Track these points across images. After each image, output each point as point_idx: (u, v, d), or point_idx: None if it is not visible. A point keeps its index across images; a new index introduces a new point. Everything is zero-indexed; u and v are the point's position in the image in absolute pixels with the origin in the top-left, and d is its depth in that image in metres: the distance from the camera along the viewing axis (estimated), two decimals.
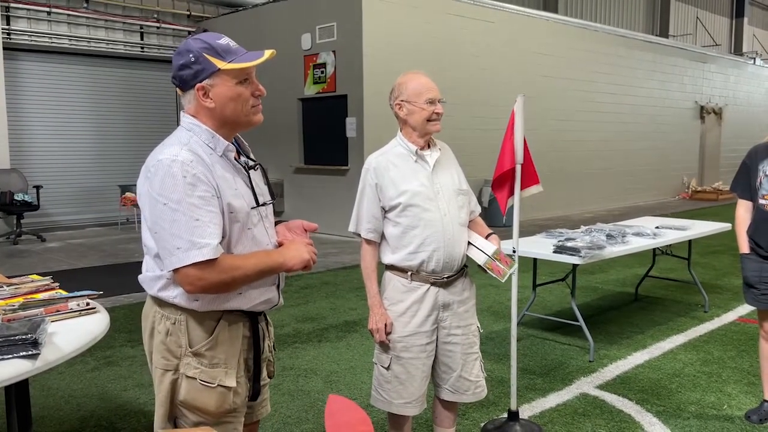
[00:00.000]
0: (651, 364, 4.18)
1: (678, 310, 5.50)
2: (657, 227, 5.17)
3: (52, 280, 2.73)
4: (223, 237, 1.70)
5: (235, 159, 1.79)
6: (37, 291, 2.65)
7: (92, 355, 4.29)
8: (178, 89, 1.77)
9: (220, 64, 1.69)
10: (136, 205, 10.19)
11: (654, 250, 5.43)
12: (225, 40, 1.74)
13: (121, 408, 3.51)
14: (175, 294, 1.73)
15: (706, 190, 16.39)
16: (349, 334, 4.82)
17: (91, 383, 3.87)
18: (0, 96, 9.44)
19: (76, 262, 7.73)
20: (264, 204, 1.85)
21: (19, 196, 9.12)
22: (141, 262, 1.86)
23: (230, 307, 1.77)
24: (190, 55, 1.69)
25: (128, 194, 10.28)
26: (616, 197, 14.33)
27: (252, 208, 1.78)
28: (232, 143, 1.80)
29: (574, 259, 4.05)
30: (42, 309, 2.38)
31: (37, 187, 9.45)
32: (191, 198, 1.63)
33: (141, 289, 1.85)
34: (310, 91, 10.04)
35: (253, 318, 1.85)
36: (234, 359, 1.80)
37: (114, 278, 6.65)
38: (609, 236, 4.55)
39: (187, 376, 1.75)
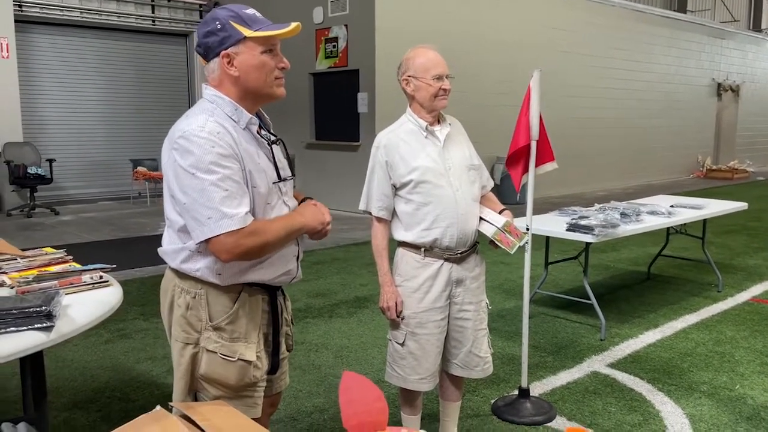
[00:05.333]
0: (663, 343, 4.16)
1: (691, 289, 5.46)
2: (672, 206, 5.11)
3: (65, 254, 2.74)
4: None
5: (258, 132, 1.77)
6: (50, 264, 2.66)
7: (105, 327, 4.33)
8: (201, 59, 1.76)
9: (246, 32, 1.68)
10: (149, 180, 10.23)
11: (668, 228, 5.38)
12: (251, 10, 1.74)
13: (134, 380, 3.55)
14: (197, 267, 1.73)
15: (721, 169, 16.18)
16: (360, 310, 4.84)
17: (105, 355, 3.91)
18: (12, 69, 9.45)
19: (88, 236, 7.79)
20: (285, 179, 1.84)
21: (32, 170, 9.17)
22: (153, 236, 1.86)
23: (252, 280, 1.78)
24: (217, 23, 1.68)
25: (140, 168, 10.31)
26: (631, 175, 14.20)
27: (274, 182, 1.78)
28: (255, 116, 1.79)
29: (587, 238, 4.01)
30: (56, 281, 2.40)
31: (50, 161, 9.49)
32: (220, 168, 1.62)
33: (154, 263, 1.85)
34: (322, 65, 9.96)
35: (271, 292, 1.86)
36: (254, 333, 1.81)
37: (126, 252, 6.69)
38: (623, 214, 4.50)
39: (208, 350, 1.76)
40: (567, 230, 4.13)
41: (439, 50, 2.44)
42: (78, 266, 2.61)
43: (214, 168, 1.62)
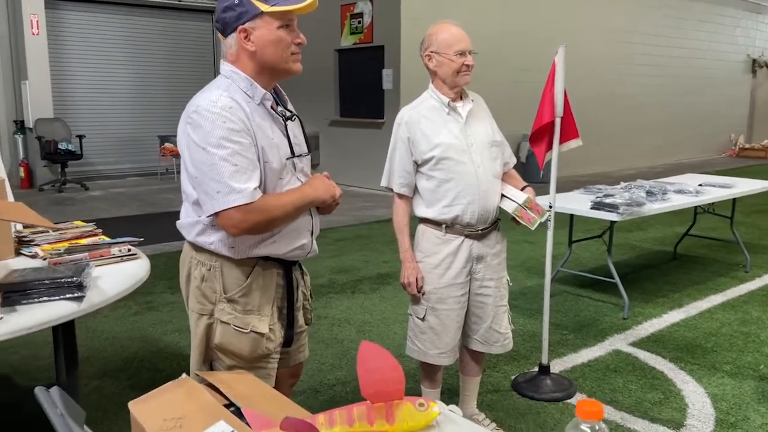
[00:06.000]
0: (687, 323, 4.13)
1: (717, 269, 5.39)
2: (700, 185, 5.03)
3: (95, 227, 2.82)
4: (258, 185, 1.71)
5: (272, 108, 1.79)
6: (81, 236, 2.73)
7: (134, 300, 4.44)
8: (220, 35, 1.78)
9: (263, 7, 1.69)
10: (176, 156, 10.36)
11: (696, 208, 5.30)
12: None
13: (162, 351, 3.65)
14: (211, 240, 1.77)
15: (754, 148, 15.79)
16: (382, 286, 4.88)
17: (134, 327, 4.02)
18: (43, 46, 9.59)
19: (117, 211, 7.94)
20: (300, 155, 1.85)
21: (62, 145, 9.34)
22: (180, 211, 1.89)
23: (265, 254, 1.80)
24: None
25: (167, 145, 10.43)
26: (660, 154, 13.94)
27: (287, 158, 1.79)
28: (271, 93, 1.80)
29: (612, 216, 3.98)
30: (86, 254, 2.46)
31: (80, 137, 9.66)
32: (230, 143, 1.64)
33: (181, 238, 1.89)
34: (347, 41, 9.92)
35: (287, 267, 1.88)
36: (267, 306, 1.84)
37: (154, 227, 6.81)
38: (649, 193, 4.45)
39: (222, 321, 1.80)
40: (591, 208, 4.10)
41: (462, 26, 2.42)
42: (107, 239, 2.67)
43: (224, 143, 1.64)
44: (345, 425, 1.28)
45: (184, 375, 1.75)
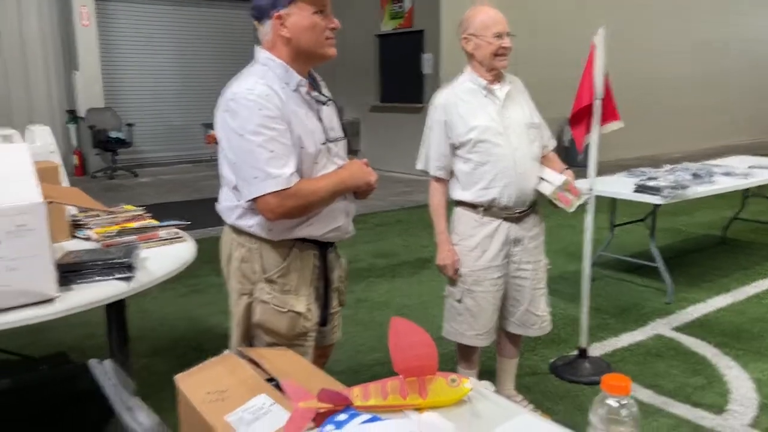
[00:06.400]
0: (733, 307, 4.04)
1: (767, 254, 5.23)
2: (750, 167, 4.88)
3: (144, 210, 2.93)
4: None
5: (308, 93, 1.83)
6: (131, 220, 2.85)
7: (181, 282, 4.59)
8: (255, 22, 1.82)
9: None
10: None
11: (745, 191, 5.15)
12: None
13: (209, 331, 3.78)
14: (251, 223, 1.83)
15: None
16: (421, 271, 4.91)
17: (182, 308, 4.16)
18: (93, 37, 9.89)
19: (165, 196, 8.17)
20: (335, 141, 1.89)
21: (113, 134, 9.65)
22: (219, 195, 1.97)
23: (302, 236, 1.85)
24: None
25: (211, 132, 10.64)
26: (710, 136, 13.49)
27: (322, 143, 1.83)
28: (306, 78, 1.84)
29: (655, 199, 3.91)
30: (136, 236, 2.58)
31: (130, 125, 9.95)
32: (267, 130, 1.69)
33: (222, 223, 1.96)
34: (387, 26, 9.91)
35: (322, 248, 1.93)
36: (304, 286, 1.90)
37: (200, 212, 6.96)
38: (695, 175, 4.35)
39: (261, 301, 1.87)
40: (634, 191, 4.04)
41: (499, 8, 2.42)
42: (155, 222, 2.79)
43: (261, 130, 1.68)
44: (379, 398, 1.33)
45: (227, 351, 1.83)
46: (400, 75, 9.95)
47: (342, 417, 1.25)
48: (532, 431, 1.29)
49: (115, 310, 2.45)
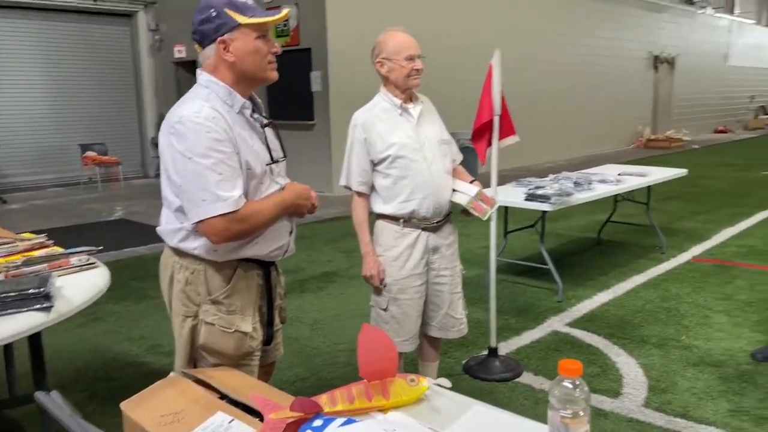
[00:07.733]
0: (615, 302, 4.47)
1: (637, 252, 5.82)
2: (619, 174, 5.42)
3: (46, 238, 2.79)
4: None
5: (251, 116, 1.87)
6: (33, 248, 2.70)
7: (77, 312, 4.33)
8: (196, 45, 1.83)
9: (241, 19, 1.76)
10: (99, 164, 10.02)
11: (615, 196, 5.70)
12: None
13: (115, 360, 3.61)
14: (195, 246, 1.83)
15: (658, 139, 16.89)
16: (329, 285, 4.98)
17: (81, 338, 3.94)
18: None
19: (41, 224, 7.61)
20: (277, 161, 1.93)
21: None
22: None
23: (247, 255, 1.88)
24: (212, 10, 1.75)
25: (90, 153, 10.08)
26: (574, 147, 14.66)
27: (267, 164, 1.87)
28: (248, 100, 1.88)
29: (545, 206, 4.25)
30: (45, 265, 2.46)
31: None
32: (215, 153, 1.71)
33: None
34: None
35: (265, 267, 1.97)
36: (250, 306, 1.92)
37: (83, 238, 6.60)
38: (576, 183, 4.78)
39: (206, 322, 1.87)
40: (525, 200, 4.36)
41: (408, 31, 2.57)
42: (60, 249, 2.66)
43: (209, 153, 1.70)
44: (346, 402, 1.40)
45: (172, 373, 1.81)
46: (289, 93, 9.97)
47: (318, 422, 1.31)
48: (488, 420, 1.42)
49: (32, 342, 2.32)
